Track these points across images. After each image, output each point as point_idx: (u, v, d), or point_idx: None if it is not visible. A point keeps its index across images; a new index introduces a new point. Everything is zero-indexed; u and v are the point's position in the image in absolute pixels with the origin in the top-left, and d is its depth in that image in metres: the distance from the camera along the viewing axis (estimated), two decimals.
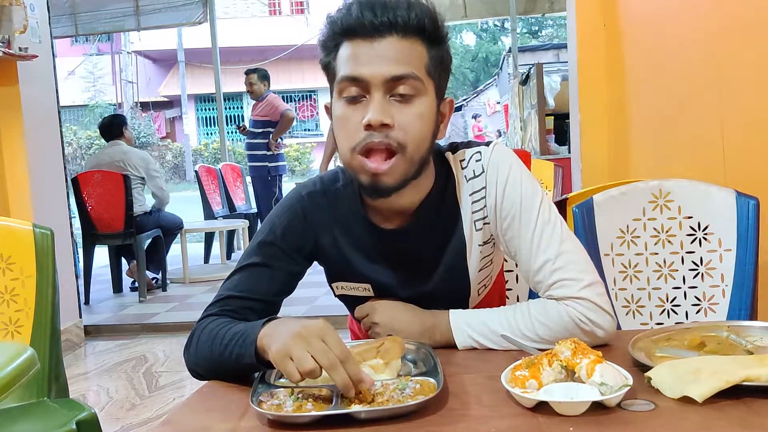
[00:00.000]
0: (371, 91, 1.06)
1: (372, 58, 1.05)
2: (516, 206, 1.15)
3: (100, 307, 5.07)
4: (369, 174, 1.07)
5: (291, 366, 0.89)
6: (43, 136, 3.88)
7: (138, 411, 3.02)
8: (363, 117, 1.05)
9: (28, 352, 1.18)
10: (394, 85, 1.06)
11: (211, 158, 18.88)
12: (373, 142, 1.06)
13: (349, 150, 1.08)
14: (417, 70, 1.07)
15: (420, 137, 1.08)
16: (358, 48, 1.06)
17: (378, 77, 1.05)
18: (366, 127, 1.05)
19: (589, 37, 3.55)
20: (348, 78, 1.07)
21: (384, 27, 1.05)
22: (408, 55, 1.06)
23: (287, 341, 0.91)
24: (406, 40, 1.06)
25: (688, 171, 2.49)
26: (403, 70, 1.06)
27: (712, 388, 0.83)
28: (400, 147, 1.06)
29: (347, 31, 1.07)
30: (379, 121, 1.04)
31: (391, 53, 1.05)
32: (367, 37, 1.05)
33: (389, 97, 1.06)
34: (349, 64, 1.07)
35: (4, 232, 1.60)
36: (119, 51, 21.68)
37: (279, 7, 23.01)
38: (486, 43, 26.76)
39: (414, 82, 1.07)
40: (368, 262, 1.21)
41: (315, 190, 1.22)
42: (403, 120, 1.06)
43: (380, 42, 1.05)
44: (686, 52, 2.53)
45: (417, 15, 1.06)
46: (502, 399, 0.89)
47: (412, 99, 1.07)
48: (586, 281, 1.10)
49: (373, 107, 1.05)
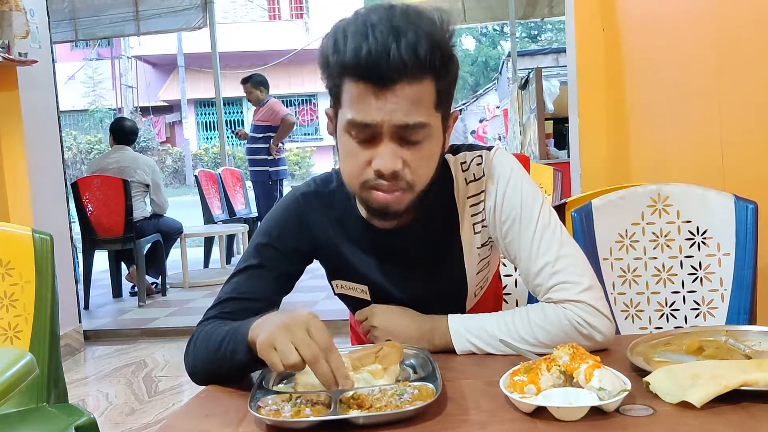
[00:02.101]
0: (381, 136, 1.03)
1: (382, 107, 1.01)
2: (516, 210, 1.15)
3: (100, 311, 5.07)
4: (378, 203, 1.08)
5: (275, 356, 0.91)
6: (42, 141, 3.88)
7: (137, 416, 3.02)
8: (371, 157, 1.04)
9: (27, 358, 1.18)
10: (404, 132, 1.03)
11: (210, 163, 18.88)
12: (383, 185, 1.05)
13: (357, 182, 1.08)
14: (427, 116, 1.04)
15: (428, 175, 1.09)
16: (366, 93, 1.01)
17: (389, 126, 1.02)
18: (376, 172, 1.05)
19: (588, 42, 3.55)
20: (357, 124, 1.03)
21: (394, 73, 0.99)
22: (418, 101, 1.02)
23: (273, 331, 0.92)
24: (415, 83, 1.01)
25: (687, 175, 2.49)
26: (413, 119, 1.02)
27: (710, 393, 0.83)
28: (408, 186, 1.07)
29: (353, 72, 1.01)
30: (391, 170, 1.03)
31: (401, 102, 1.01)
32: (376, 84, 1.00)
33: (399, 140, 1.04)
34: (357, 108, 1.02)
35: (4, 238, 1.60)
36: (119, 56, 21.70)
37: (279, 12, 23.03)
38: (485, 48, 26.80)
39: (424, 130, 1.04)
40: (365, 261, 1.21)
41: (309, 191, 1.23)
42: (413, 162, 1.05)
43: (390, 89, 1.00)
44: (685, 57, 2.53)
45: (426, 51, 0.99)
46: (500, 404, 0.89)
47: (422, 142, 1.05)
48: (584, 285, 1.11)
49: (383, 156, 1.03)
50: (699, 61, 2.40)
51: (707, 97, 2.32)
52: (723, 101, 2.21)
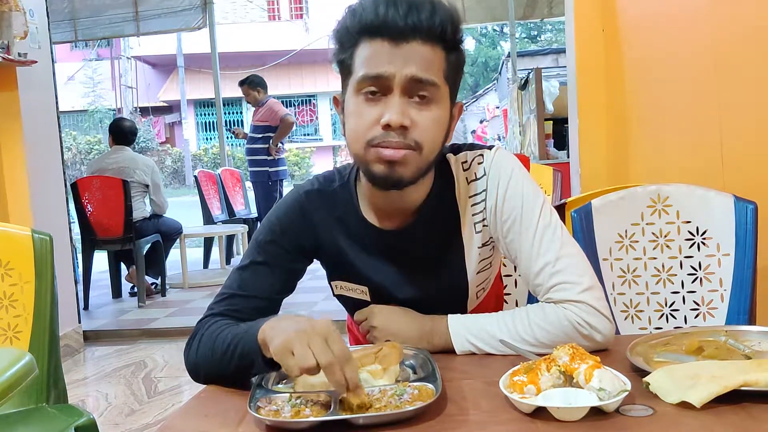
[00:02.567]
0: (392, 90, 1.06)
1: (395, 59, 1.05)
2: (517, 209, 1.15)
3: (99, 312, 5.07)
4: (384, 163, 1.07)
5: (292, 361, 0.89)
6: (42, 142, 3.88)
7: (137, 416, 3.02)
8: (380, 114, 1.06)
9: (26, 358, 1.18)
10: (414, 87, 1.06)
11: (210, 163, 18.89)
12: (390, 141, 1.06)
13: (364, 143, 1.08)
14: (437, 77, 1.07)
15: (435, 140, 1.10)
16: (381, 48, 1.05)
17: (400, 77, 1.05)
18: (384, 127, 1.05)
19: (588, 42, 3.55)
20: (370, 77, 1.06)
21: (408, 30, 1.04)
22: (430, 61, 1.06)
23: (291, 336, 0.91)
24: (428, 45, 1.06)
25: (687, 175, 2.49)
26: (425, 74, 1.06)
27: (710, 393, 0.83)
28: (416, 145, 1.07)
29: (370, 30, 1.06)
30: (399, 122, 1.05)
31: (414, 57, 1.05)
32: (391, 39, 1.04)
33: (408, 99, 1.07)
34: (370, 63, 1.06)
35: (3, 238, 1.60)
36: (119, 56, 21.70)
37: (278, 13, 23.04)
38: (485, 48, 26.81)
39: (433, 89, 1.07)
40: (366, 262, 1.21)
41: (312, 189, 1.23)
42: (420, 122, 1.07)
43: (404, 45, 1.05)
44: (685, 57, 2.53)
45: (440, 20, 1.06)
46: (500, 404, 0.89)
47: (430, 103, 1.08)
48: (585, 285, 1.11)
49: (393, 108, 1.05)
50: (698, 62, 2.40)
51: (707, 98, 2.32)
52: (722, 102, 2.21)
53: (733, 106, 2.16)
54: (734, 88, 2.15)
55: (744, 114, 2.10)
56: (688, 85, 2.51)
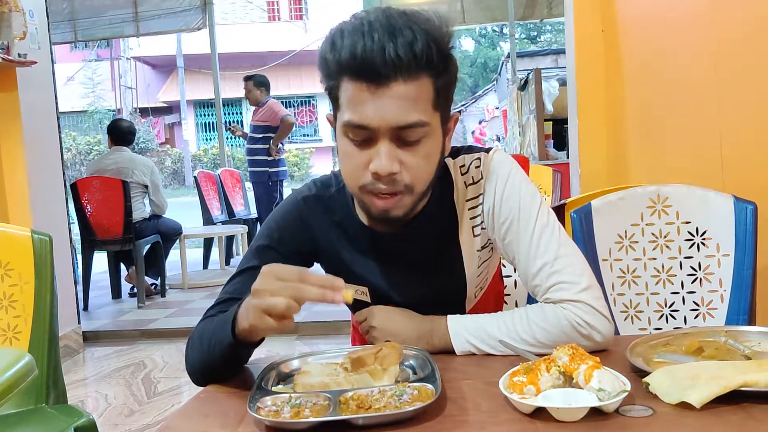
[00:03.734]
0: (378, 138, 1.03)
1: (378, 106, 1.00)
2: (515, 210, 1.15)
3: (99, 313, 5.07)
4: (378, 208, 1.08)
5: (266, 320, 0.91)
6: (42, 142, 3.88)
7: (136, 417, 3.02)
8: (369, 159, 1.04)
9: (26, 359, 1.18)
10: (401, 133, 1.03)
11: (210, 164, 18.89)
12: (380, 188, 1.05)
13: (356, 185, 1.08)
14: (424, 114, 1.03)
15: (427, 175, 1.08)
16: (362, 92, 1.01)
17: (384, 127, 1.02)
18: (373, 174, 1.04)
19: (588, 43, 3.56)
20: (354, 125, 1.03)
21: (389, 71, 0.99)
22: (415, 100, 1.02)
23: (251, 302, 0.93)
24: (411, 81, 1.01)
25: (687, 176, 2.49)
26: (410, 118, 1.01)
27: (710, 394, 0.83)
28: (407, 188, 1.07)
29: (349, 71, 1.01)
30: (387, 171, 1.03)
31: (396, 102, 1.00)
32: (371, 81, 1.00)
33: (396, 144, 1.04)
34: (353, 108, 1.02)
35: (3, 238, 1.60)
36: (118, 57, 21.70)
37: (278, 13, 23.05)
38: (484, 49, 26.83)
39: (421, 129, 1.03)
40: (365, 265, 1.22)
41: (310, 194, 1.24)
42: (410, 163, 1.05)
43: (385, 90, 1.00)
44: (684, 58, 2.53)
45: (422, 48, 0.99)
46: (500, 405, 0.89)
47: (419, 142, 1.05)
48: (583, 284, 1.11)
49: (380, 156, 1.03)
50: (698, 62, 2.40)
51: (706, 98, 2.32)
52: (722, 102, 2.21)
53: (732, 106, 2.16)
54: (734, 89, 2.15)
55: (744, 114, 2.10)
56: (688, 85, 2.51)
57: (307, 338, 4.20)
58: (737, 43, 2.12)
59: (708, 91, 2.31)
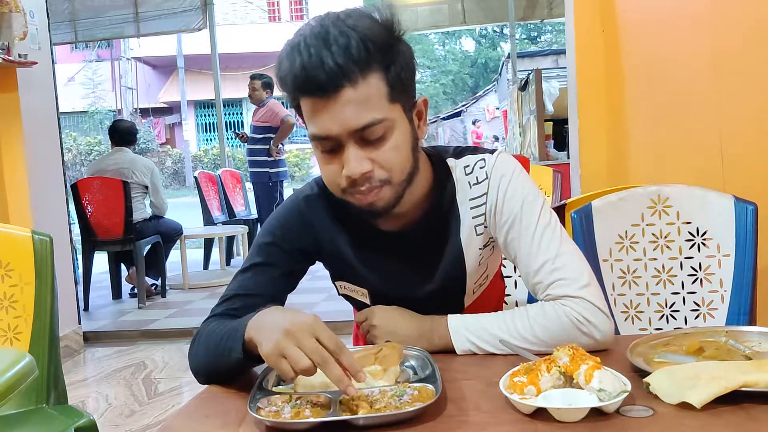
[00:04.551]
0: (343, 144, 1.05)
1: (333, 116, 1.02)
2: (517, 209, 1.16)
3: (100, 313, 5.07)
4: (363, 204, 1.10)
5: (285, 365, 0.90)
6: (42, 143, 3.88)
7: (137, 417, 3.02)
8: (341, 165, 1.06)
9: (26, 359, 1.18)
10: (362, 134, 1.04)
11: (210, 164, 18.88)
12: (358, 189, 1.07)
13: (338, 190, 1.10)
14: (379, 111, 1.04)
15: (401, 165, 1.09)
16: (316, 105, 1.03)
17: (344, 133, 1.03)
18: (347, 179, 1.06)
19: (588, 43, 3.55)
20: (318, 137, 1.06)
21: (333, 80, 1.00)
22: (366, 101, 1.03)
23: (279, 339, 0.90)
24: (358, 83, 1.01)
25: (687, 176, 2.49)
26: (365, 119, 1.03)
27: (710, 394, 0.83)
28: (384, 182, 1.08)
29: (300, 89, 1.04)
30: (358, 173, 1.05)
31: (349, 106, 1.02)
32: (321, 94, 1.02)
33: (362, 144, 1.05)
34: (314, 123, 1.05)
35: (3, 239, 1.60)
36: (119, 57, 21.71)
37: (278, 14, 23.05)
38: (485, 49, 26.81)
39: (380, 126, 1.04)
40: (366, 263, 1.22)
41: (312, 193, 1.24)
42: (381, 158, 1.06)
43: (336, 97, 1.01)
44: (685, 58, 2.53)
45: (358, 49, 1.00)
46: (500, 405, 0.89)
47: (385, 136, 1.06)
48: (584, 282, 1.12)
49: (349, 162, 1.05)
50: (698, 63, 2.40)
51: (706, 99, 2.32)
52: (722, 102, 2.21)
53: (732, 106, 2.16)
54: (734, 89, 2.15)
55: (744, 114, 2.10)
56: (688, 85, 2.51)
57: None
58: (737, 43, 2.12)
59: (708, 91, 2.31)
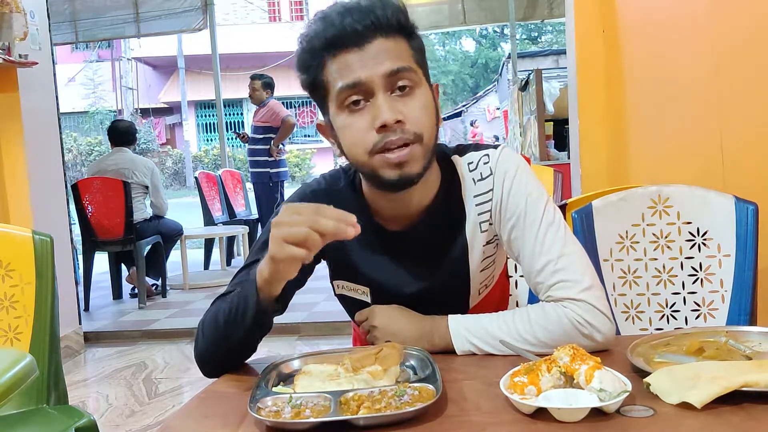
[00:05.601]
0: (374, 92, 1.07)
1: (366, 62, 1.06)
2: (521, 207, 1.16)
3: (100, 313, 5.07)
4: (393, 166, 1.08)
5: (287, 248, 0.93)
6: (43, 143, 3.88)
7: (137, 418, 3.02)
8: (372, 119, 1.07)
9: (27, 359, 1.18)
10: (394, 80, 1.07)
11: (211, 164, 18.89)
12: (391, 140, 1.07)
13: (365, 153, 1.09)
14: (409, 62, 1.09)
15: (430, 126, 1.11)
16: (348, 57, 1.07)
17: (378, 76, 1.06)
18: (379, 129, 1.06)
19: (588, 43, 3.56)
20: (349, 86, 1.07)
21: (368, 31, 1.06)
22: (398, 51, 1.08)
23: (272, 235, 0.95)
24: (390, 39, 1.08)
25: (687, 176, 2.49)
26: (399, 63, 1.07)
27: (711, 394, 0.83)
28: (416, 137, 1.08)
29: (333, 44, 1.07)
30: (393, 119, 1.06)
31: (382, 53, 1.07)
32: (355, 46, 1.07)
33: (391, 94, 1.08)
34: (344, 74, 1.07)
35: (4, 239, 1.60)
36: (119, 58, 21.71)
37: (279, 14, 23.06)
38: (485, 49, 26.80)
39: (410, 74, 1.09)
40: (370, 261, 1.22)
41: (319, 188, 1.24)
42: (411, 114, 1.08)
43: (369, 46, 1.07)
44: (685, 58, 2.53)
45: (393, 12, 1.08)
46: (500, 405, 0.89)
47: (413, 91, 1.09)
48: (586, 284, 1.11)
49: (382, 108, 1.06)
50: (699, 62, 2.40)
51: (707, 99, 2.32)
52: (723, 102, 2.21)
53: (733, 106, 2.16)
54: (734, 89, 2.15)
55: (744, 115, 2.10)
56: (689, 85, 2.51)
57: (307, 338, 4.20)
58: (738, 44, 2.12)
59: (709, 91, 2.31)
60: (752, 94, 2.04)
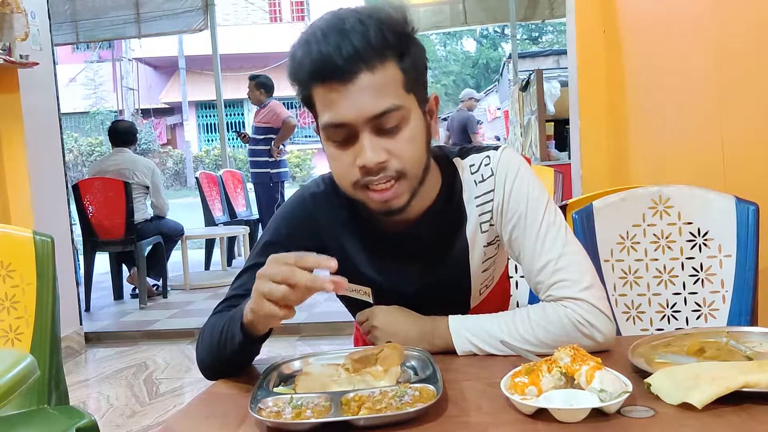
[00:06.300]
0: (358, 132, 1.05)
1: (350, 102, 1.02)
2: (522, 207, 1.16)
3: (101, 314, 5.07)
4: (376, 202, 1.09)
5: (266, 305, 0.93)
6: (43, 143, 3.88)
7: (138, 418, 3.02)
8: (355, 156, 1.05)
9: (28, 360, 1.18)
10: (379, 122, 1.04)
11: (212, 165, 18.88)
12: (372, 179, 1.06)
13: (350, 185, 1.09)
14: (396, 98, 1.04)
15: (416, 158, 1.09)
16: (333, 92, 1.03)
17: (361, 119, 1.03)
18: (361, 168, 1.05)
19: (589, 44, 3.56)
20: (333, 125, 1.05)
21: (351, 65, 1.00)
22: (384, 87, 1.03)
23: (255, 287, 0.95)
24: (376, 69, 1.02)
25: (688, 177, 2.49)
26: (383, 105, 1.03)
27: (711, 395, 0.83)
28: (399, 174, 1.07)
29: (316, 76, 1.03)
30: (374, 162, 1.04)
31: (367, 92, 1.02)
32: (338, 80, 1.01)
33: (377, 135, 1.05)
34: (329, 109, 1.04)
35: (5, 240, 1.60)
36: (120, 58, 21.70)
37: (279, 14, 23.06)
38: (486, 50, 26.79)
39: (397, 113, 1.04)
40: (371, 263, 1.22)
41: (318, 191, 1.24)
42: (396, 149, 1.06)
43: (353, 82, 1.01)
44: (686, 58, 2.53)
45: (376, 35, 1.01)
46: (501, 406, 0.89)
47: (400, 126, 1.06)
48: (586, 283, 1.11)
49: (365, 150, 1.04)
50: (699, 63, 2.40)
51: (708, 99, 2.32)
52: (723, 103, 2.21)
53: (734, 107, 2.16)
54: (735, 89, 2.15)
55: (745, 115, 2.10)
56: (689, 85, 2.51)
57: (308, 339, 4.20)
58: (738, 44, 2.12)
59: (709, 91, 2.31)
60: (753, 94, 2.04)
